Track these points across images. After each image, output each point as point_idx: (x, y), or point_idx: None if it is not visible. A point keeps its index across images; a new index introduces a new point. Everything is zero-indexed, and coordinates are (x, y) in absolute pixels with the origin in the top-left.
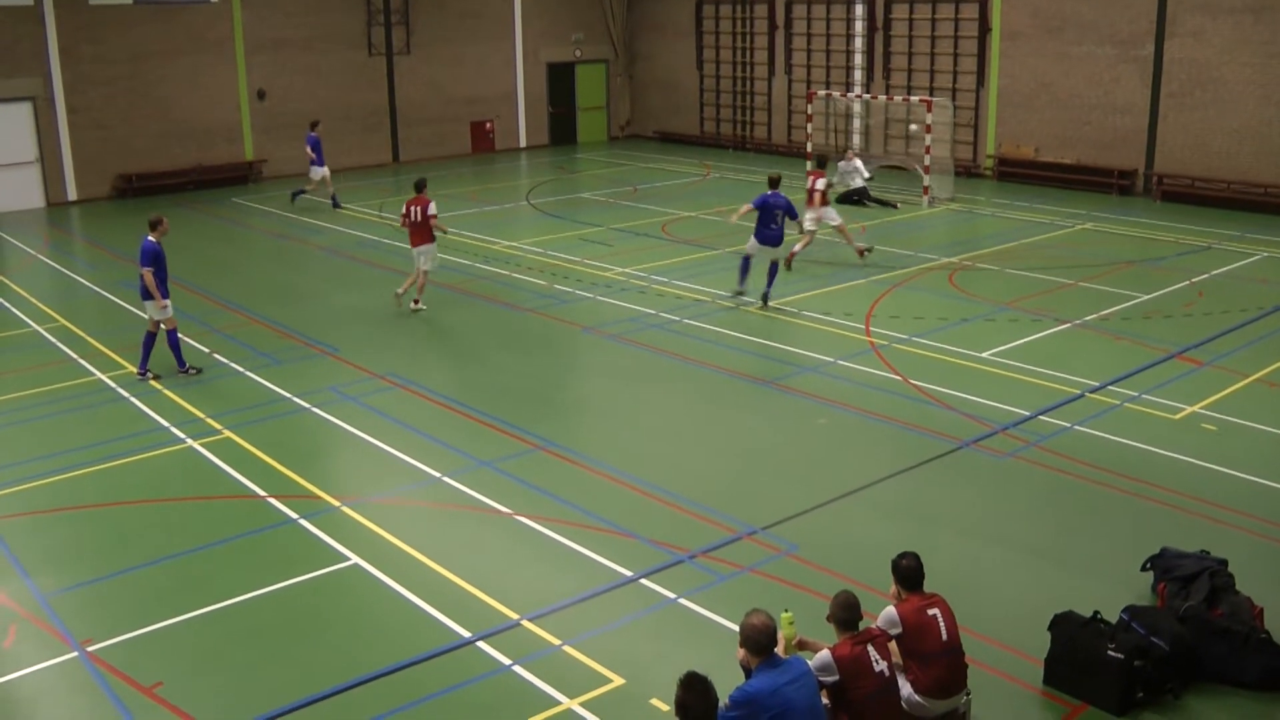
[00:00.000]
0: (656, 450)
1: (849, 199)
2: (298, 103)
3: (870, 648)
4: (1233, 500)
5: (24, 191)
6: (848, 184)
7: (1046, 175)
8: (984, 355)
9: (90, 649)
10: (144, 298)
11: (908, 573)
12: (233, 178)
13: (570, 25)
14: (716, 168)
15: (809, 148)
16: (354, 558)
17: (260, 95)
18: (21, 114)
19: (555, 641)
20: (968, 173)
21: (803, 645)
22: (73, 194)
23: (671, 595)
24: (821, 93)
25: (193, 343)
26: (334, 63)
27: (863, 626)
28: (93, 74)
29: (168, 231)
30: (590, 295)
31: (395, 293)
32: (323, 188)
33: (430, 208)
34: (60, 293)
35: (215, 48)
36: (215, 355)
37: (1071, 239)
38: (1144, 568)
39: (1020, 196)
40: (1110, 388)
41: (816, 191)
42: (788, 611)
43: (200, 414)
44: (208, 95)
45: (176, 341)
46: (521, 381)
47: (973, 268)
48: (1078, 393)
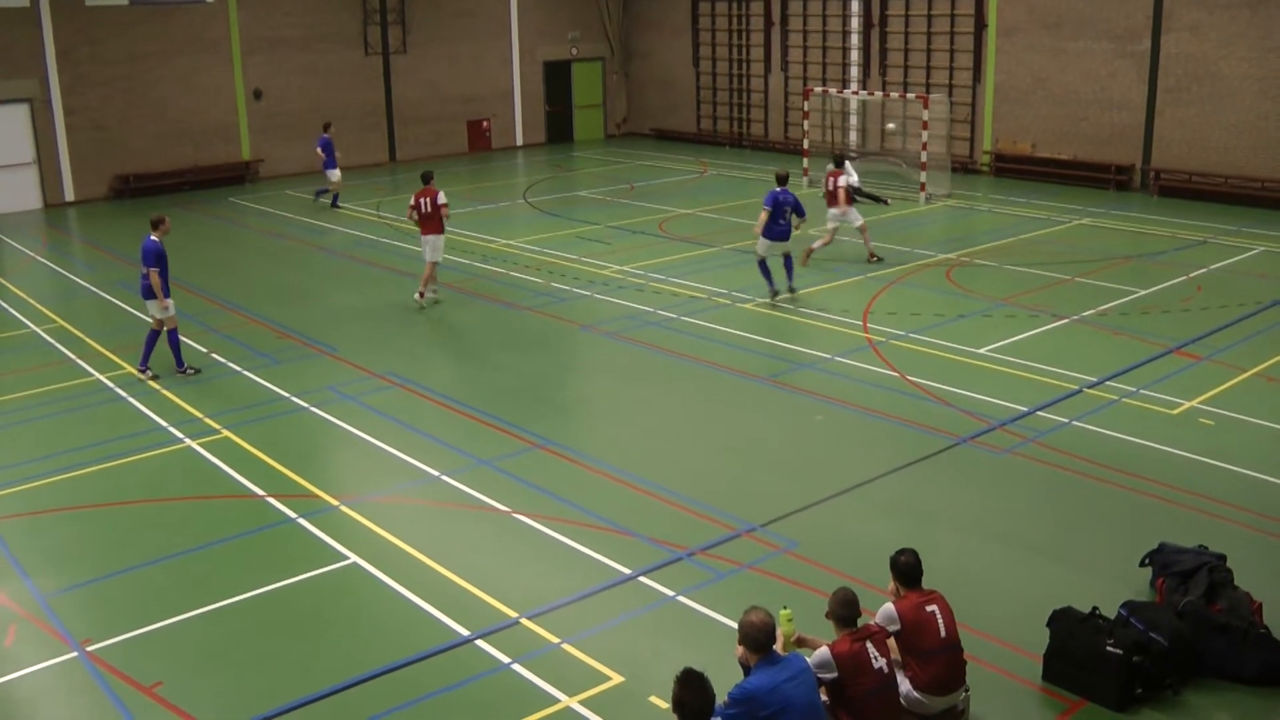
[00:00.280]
0: (654, 448)
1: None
2: (294, 102)
3: (869, 645)
4: (1231, 495)
5: (21, 193)
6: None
7: (1043, 171)
8: (981, 351)
9: (90, 649)
10: (146, 297)
11: (906, 569)
12: (230, 178)
13: (566, 23)
14: (713, 165)
15: (806, 145)
16: (353, 557)
17: (257, 95)
18: (19, 115)
19: (554, 639)
20: (964, 169)
21: (801, 642)
22: (70, 195)
23: (670, 593)
24: (818, 89)
25: (191, 343)
26: (330, 62)
27: (861, 623)
28: (90, 75)
29: (169, 231)
30: (588, 293)
31: (424, 299)
32: (333, 183)
33: (439, 197)
34: (58, 293)
35: (212, 48)
36: (214, 355)
37: (1069, 234)
38: (1142, 563)
39: (1017, 192)
40: (1108, 383)
41: (840, 190)
42: (786, 609)
43: (199, 414)
44: (204, 95)
45: (177, 342)
46: (519, 380)
47: (970, 264)
48: (1075, 388)
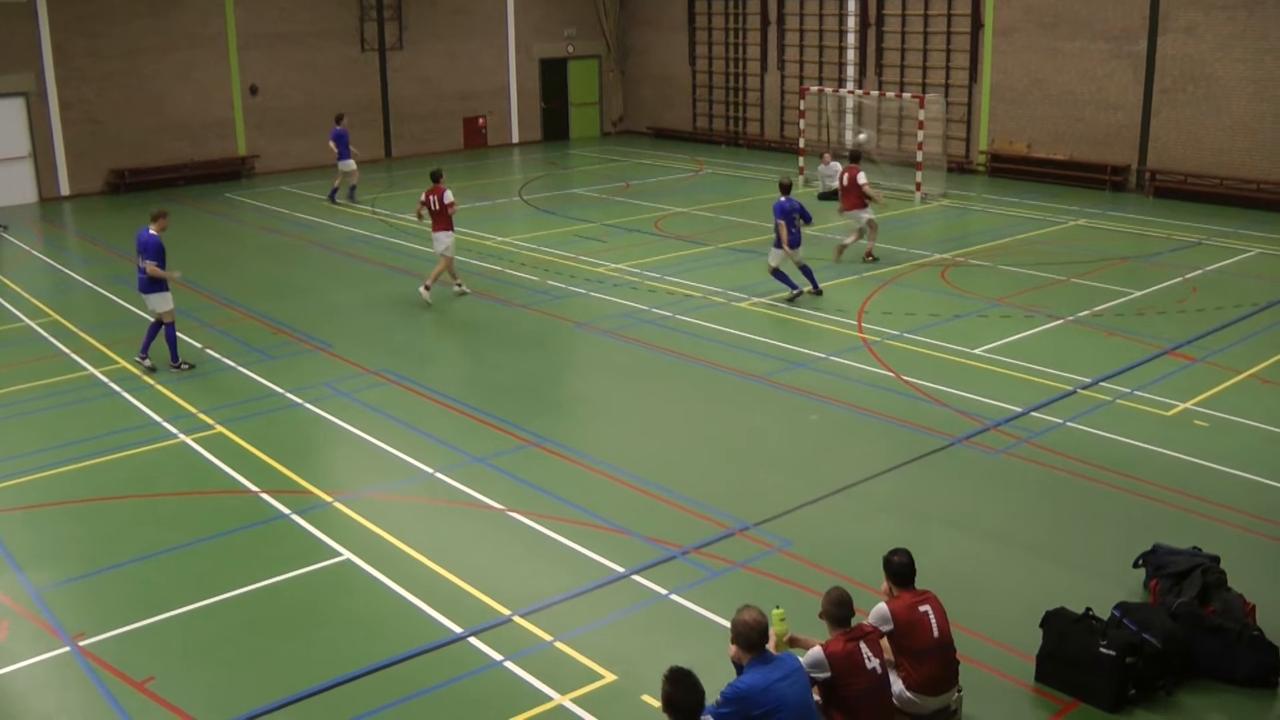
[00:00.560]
0: (649, 446)
1: (832, 197)
2: (290, 98)
3: (863, 645)
4: (1225, 496)
5: (17, 186)
6: (827, 185)
7: (1039, 171)
8: (976, 351)
9: (82, 643)
10: (145, 291)
11: (899, 569)
12: (226, 173)
13: (562, 20)
14: (709, 164)
15: (802, 144)
16: (346, 553)
17: (253, 91)
18: (14, 109)
19: (547, 637)
20: (960, 169)
21: (794, 642)
22: (66, 189)
23: (663, 591)
24: (814, 88)
25: (186, 338)
26: (327, 58)
27: (855, 623)
28: (86, 69)
29: (167, 228)
30: (583, 291)
31: (429, 293)
32: (346, 179)
33: (446, 196)
34: (53, 288)
35: (208, 43)
36: (208, 350)
37: (1064, 235)
38: (1136, 564)
39: (1013, 192)
40: (1103, 384)
41: (864, 186)
42: (779, 608)
43: (193, 409)
44: (201, 90)
45: (174, 336)
46: (514, 377)
47: (965, 264)
48: (1070, 389)
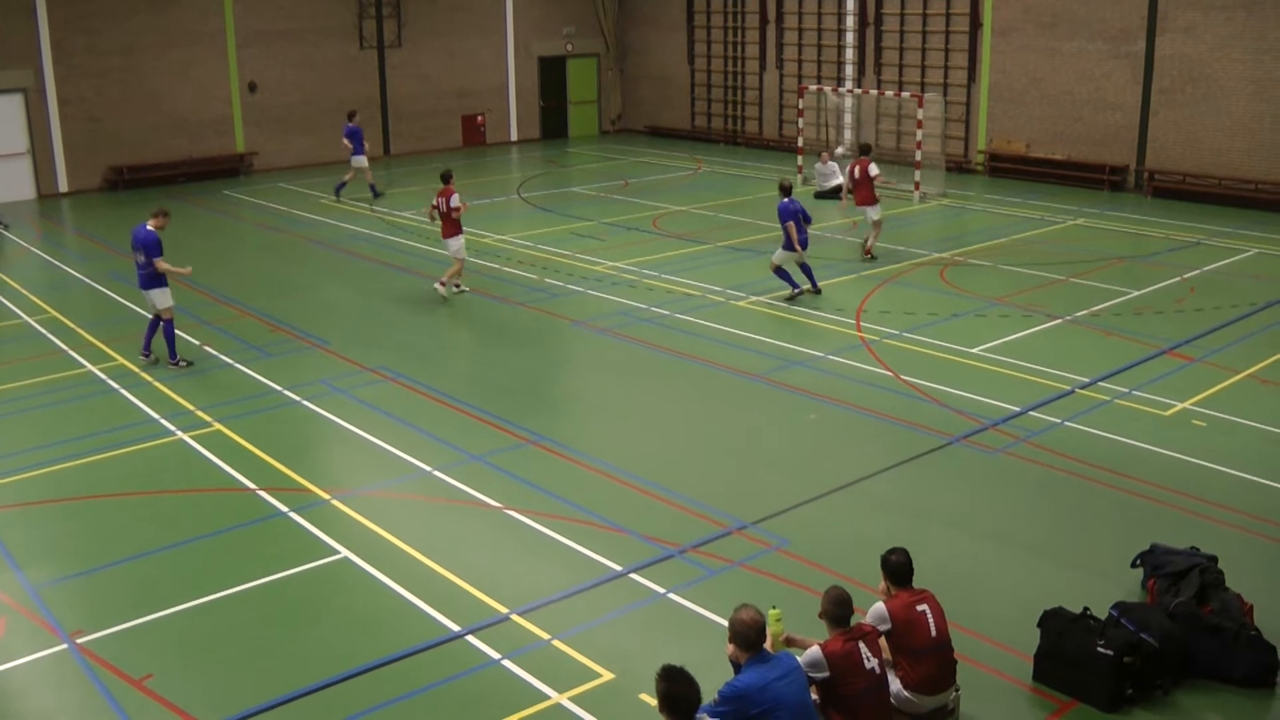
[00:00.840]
0: (647, 445)
1: (828, 196)
2: (289, 96)
3: (861, 644)
4: (1223, 496)
5: (15, 183)
6: (823, 184)
7: (1038, 171)
8: (975, 351)
9: (80, 641)
10: (146, 287)
11: (897, 568)
12: (224, 170)
13: (561, 19)
14: (707, 162)
15: (800, 143)
16: (344, 551)
17: (251, 88)
18: (13, 106)
19: (545, 636)
20: (959, 168)
21: (790, 643)
22: (64, 186)
23: (661, 590)
24: (812, 87)
25: (184, 335)
26: (325, 56)
27: (853, 622)
28: (84, 66)
29: (166, 226)
30: (581, 289)
31: (445, 288)
32: (360, 176)
33: (453, 200)
34: (51, 284)
35: (207, 40)
36: (206, 348)
37: (1063, 235)
38: (1134, 564)
39: (1011, 192)
40: (1101, 383)
41: (876, 179)
42: (775, 608)
43: (190, 406)
44: (199, 87)
45: (172, 334)
46: (512, 375)
47: (964, 263)
48: (1068, 388)
